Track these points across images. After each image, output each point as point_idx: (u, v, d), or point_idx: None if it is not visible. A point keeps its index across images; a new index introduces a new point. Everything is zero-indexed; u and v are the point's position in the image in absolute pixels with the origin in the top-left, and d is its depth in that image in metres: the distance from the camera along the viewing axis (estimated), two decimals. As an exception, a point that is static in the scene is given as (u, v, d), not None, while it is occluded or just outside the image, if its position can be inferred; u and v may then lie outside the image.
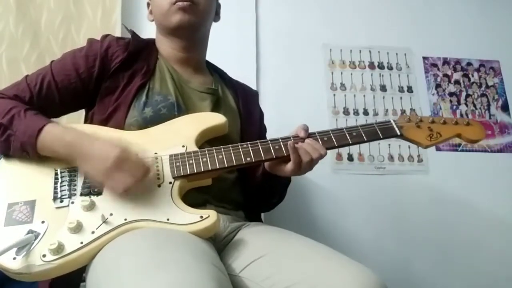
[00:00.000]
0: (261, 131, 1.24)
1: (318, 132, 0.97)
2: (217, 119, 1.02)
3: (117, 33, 1.53)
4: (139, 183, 0.83)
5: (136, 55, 1.07)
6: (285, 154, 0.93)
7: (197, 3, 1.08)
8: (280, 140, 0.95)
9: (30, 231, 0.79)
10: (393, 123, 1.00)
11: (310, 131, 0.97)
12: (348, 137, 0.97)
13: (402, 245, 1.63)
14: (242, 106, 1.17)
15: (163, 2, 1.08)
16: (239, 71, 1.30)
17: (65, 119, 1.15)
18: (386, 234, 1.64)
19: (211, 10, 1.15)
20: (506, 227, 1.70)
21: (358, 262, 0.81)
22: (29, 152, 0.88)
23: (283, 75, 1.77)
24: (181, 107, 1.03)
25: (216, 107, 1.10)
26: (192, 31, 1.12)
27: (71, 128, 0.91)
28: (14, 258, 0.76)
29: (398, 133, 0.99)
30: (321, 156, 0.93)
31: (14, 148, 0.89)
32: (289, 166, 0.93)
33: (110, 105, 1.00)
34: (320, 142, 0.95)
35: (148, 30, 1.22)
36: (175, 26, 1.08)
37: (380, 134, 0.99)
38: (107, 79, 1.02)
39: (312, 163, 0.93)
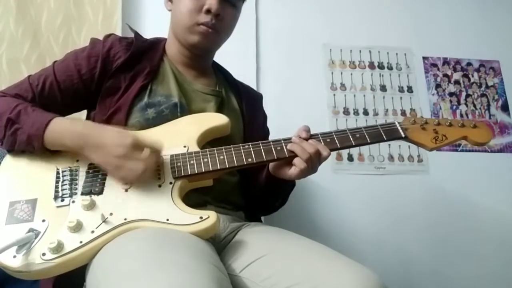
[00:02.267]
0: (264, 134, 1.23)
1: (321, 133, 0.96)
2: (219, 119, 1.01)
3: (118, 34, 1.53)
4: (151, 169, 0.84)
5: (138, 56, 1.06)
6: (287, 155, 0.93)
7: (220, 31, 1.06)
8: (282, 141, 0.94)
9: (30, 230, 0.79)
10: (398, 125, 0.98)
11: (311, 131, 0.97)
12: (351, 138, 0.95)
13: (402, 245, 1.64)
14: (245, 109, 1.16)
15: (186, 17, 1.04)
16: (239, 71, 1.29)
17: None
18: (386, 234, 1.64)
19: (230, 33, 1.13)
20: (506, 227, 1.70)
21: (358, 262, 0.81)
22: (35, 145, 0.88)
23: (283, 75, 1.77)
24: (184, 109, 1.03)
25: (219, 109, 1.09)
26: (205, 52, 1.13)
27: (79, 120, 0.91)
28: (14, 256, 0.76)
29: (403, 135, 0.97)
30: (324, 157, 0.92)
31: (20, 142, 0.89)
32: (292, 169, 0.93)
33: (111, 106, 1.00)
34: (323, 143, 0.94)
35: (149, 31, 1.22)
36: (190, 45, 1.08)
37: (384, 136, 0.97)
38: (109, 79, 1.02)
39: (313, 162, 0.92)
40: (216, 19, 1.03)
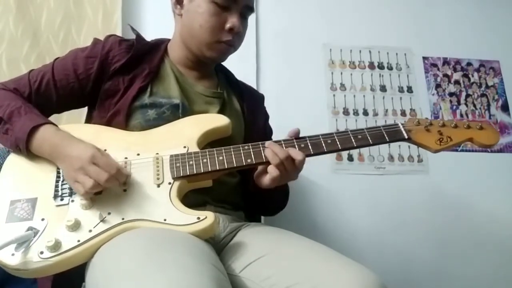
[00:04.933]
0: (266, 135, 1.22)
1: (322, 134, 0.95)
2: (220, 120, 1.01)
3: (118, 34, 1.52)
4: (101, 188, 0.82)
5: (138, 58, 1.05)
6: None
7: (236, 46, 1.08)
8: (282, 141, 0.94)
9: (30, 228, 0.80)
10: (401, 126, 0.96)
11: (311, 132, 0.95)
12: (353, 140, 0.93)
13: (402, 245, 1.63)
14: (247, 110, 1.16)
15: (207, 33, 1.02)
16: (239, 71, 1.29)
17: (65, 117, 1.16)
18: (386, 235, 1.64)
19: None
20: (506, 227, 1.70)
21: (358, 262, 0.81)
22: (21, 148, 0.89)
23: (283, 75, 1.77)
24: (186, 110, 1.02)
25: (221, 111, 1.08)
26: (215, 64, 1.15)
27: (61, 131, 0.91)
28: (13, 254, 0.76)
29: (406, 137, 0.95)
30: (298, 161, 0.89)
31: (11, 142, 0.91)
32: (266, 177, 0.91)
33: (111, 109, 1.00)
34: (324, 144, 0.93)
35: (149, 32, 1.22)
36: (206, 59, 1.08)
37: (387, 138, 0.95)
38: (107, 81, 1.02)
39: (286, 168, 0.89)
40: (236, 36, 1.04)
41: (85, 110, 1.11)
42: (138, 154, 0.92)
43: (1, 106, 0.92)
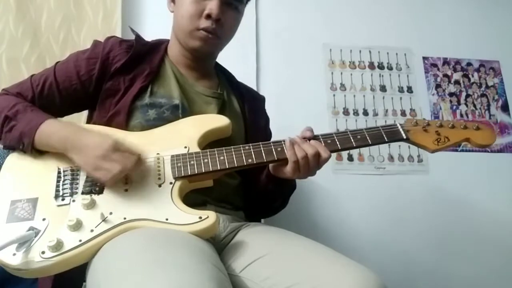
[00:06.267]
0: (266, 137, 1.22)
1: (322, 134, 0.96)
2: (221, 121, 1.01)
3: (118, 34, 1.53)
4: (127, 172, 0.84)
5: (139, 58, 1.06)
6: (287, 156, 0.92)
7: (220, 36, 1.06)
8: (282, 142, 0.94)
9: (31, 228, 0.80)
10: (399, 127, 0.97)
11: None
12: (352, 140, 0.95)
13: (402, 245, 1.64)
14: (247, 111, 1.16)
15: (186, 21, 1.03)
16: (240, 71, 1.29)
17: (65, 118, 1.16)
18: (386, 234, 1.64)
19: (232, 36, 1.12)
20: (506, 227, 1.70)
21: (358, 263, 0.81)
22: (25, 142, 0.90)
23: (283, 75, 1.77)
24: (186, 110, 1.03)
25: (221, 112, 1.09)
26: (207, 56, 1.12)
27: (70, 123, 0.92)
28: (14, 254, 0.76)
29: (404, 137, 0.96)
30: (323, 158, 0.91)
31: (12, 138, 0.91)
32: (288, 166, 0.92)
33: (111, 108, 1.00)
34: (323, 144, 0.94)
35: (149, 32, 1.22)
36: (191, 49, 1.08)
37: (386, 138, 0.96)
38: (108, 81, 1.02)
39: (309, 162, 0.91)
40: (216, 24, 1.02)
41: (85, 111, 1.11)
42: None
43: (6, 107, 0.93)
